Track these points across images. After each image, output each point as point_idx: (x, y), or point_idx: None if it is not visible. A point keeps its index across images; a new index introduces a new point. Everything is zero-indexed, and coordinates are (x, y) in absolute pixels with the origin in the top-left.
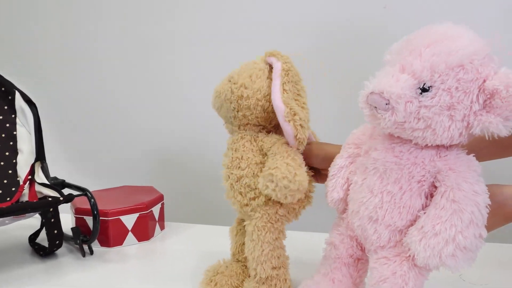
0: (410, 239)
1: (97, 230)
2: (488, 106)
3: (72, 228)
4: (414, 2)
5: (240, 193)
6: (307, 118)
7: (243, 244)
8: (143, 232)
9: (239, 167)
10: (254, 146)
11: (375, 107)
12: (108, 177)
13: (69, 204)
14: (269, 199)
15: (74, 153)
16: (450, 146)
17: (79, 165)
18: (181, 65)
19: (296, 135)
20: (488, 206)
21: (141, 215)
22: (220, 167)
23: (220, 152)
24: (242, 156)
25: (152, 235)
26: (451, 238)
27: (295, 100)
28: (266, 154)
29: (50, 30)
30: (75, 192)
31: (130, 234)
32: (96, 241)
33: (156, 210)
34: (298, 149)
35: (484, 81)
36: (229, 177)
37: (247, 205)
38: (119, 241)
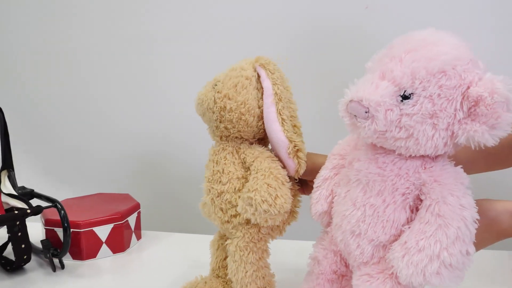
0: (392, 255)
1: (67, 244)
2: (473, 114)
3: (41, 241)
4: (396, 3)
5: (221, 209)
6: (304, 147)
7: (224, 259)
8: (118, 243)
9: (220, 182)
10: (236, 158)
11: (355, 115)
12: (81, 184)
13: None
14: None
15: (44, 159)
16: (436, 157)
17: (50, 172)
18: (158, 65)
19: (298, 170)
20: (477, 221)
21: (116, 226)
22: (200, 171)
23: (200, 155)
24: (223, 170)
25: (128, 246)
26: (435, 254)
27: (293, 126)
28: (249, 168)
29: (23, 29)
30: (44, 203)
31: (104, 245)
32: (68, 254)
33: (132, 219)
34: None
35: (468, 87)
36: (210, 191)
37: (228, 222)
38: (93, 254)
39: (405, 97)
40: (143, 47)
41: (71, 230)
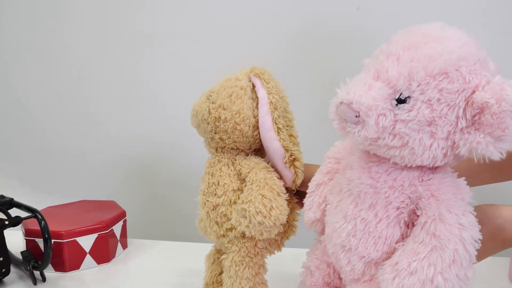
0: (382, 276)
1: (48, 256)
2: (477, 123)
3: (22, 252)
4: (387, 3)
5: (216, 223)
6: (301, 157)
7: (219, 274)
8: (103, 253)
9: (215, 194)
10: (231, 170)
11: (345, 119)
12: (65, 191)
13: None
14: None
15: (25, 165)
16: (436, 168)
17: (32, 178)
18: (148, 67)
19: (295, 180)
20: (478, 241)
21: (100, 236)
22: (192, 175)
23: (191, 158)
24: (218, 182)
25: (113, 256)
26: (428, 279)
27: (290, 136)
28: (244, 180)
29: (12, 27)
30: (24, 213)
31: (88, 256)
32: (50, 265)
33: (117, 228)
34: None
35: (473, 92)
36: (205, 205)
37: (223, 236)
38: (76, 265)
39: (400, 101)
40: (134, 48)
41: (53, 240)
